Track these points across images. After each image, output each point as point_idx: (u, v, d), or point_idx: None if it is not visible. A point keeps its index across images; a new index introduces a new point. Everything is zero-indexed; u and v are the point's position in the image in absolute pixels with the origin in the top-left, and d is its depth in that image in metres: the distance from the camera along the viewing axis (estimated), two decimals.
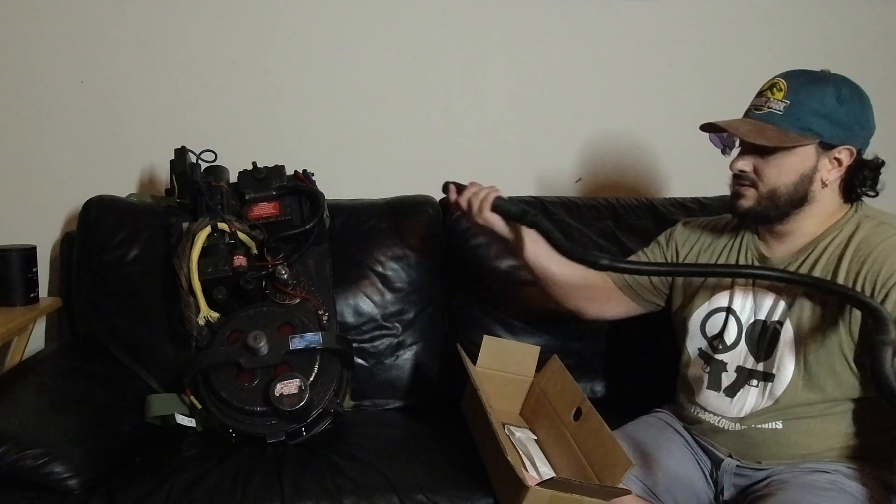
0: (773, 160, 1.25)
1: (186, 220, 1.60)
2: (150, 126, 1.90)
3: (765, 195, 1.27)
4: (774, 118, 1.24)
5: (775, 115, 1.24)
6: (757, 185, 1.27)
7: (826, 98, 1.22)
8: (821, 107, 1.22)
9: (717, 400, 1.35)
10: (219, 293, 1.51)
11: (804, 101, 1.22)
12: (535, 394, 1.59)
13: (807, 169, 1.24)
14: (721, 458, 1.35)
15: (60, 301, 1.80)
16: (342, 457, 1.43)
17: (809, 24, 2.10)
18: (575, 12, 2.01)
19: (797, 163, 1.24)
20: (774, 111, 1.24)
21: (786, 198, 1.26)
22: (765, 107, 1.26)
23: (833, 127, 1.22)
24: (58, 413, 1.40)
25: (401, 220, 1.81)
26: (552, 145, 2.06)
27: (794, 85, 1.24)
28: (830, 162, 1.25)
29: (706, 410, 1.37)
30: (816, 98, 1.22)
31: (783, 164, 1.24)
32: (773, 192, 1.26)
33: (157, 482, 1.32)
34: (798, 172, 1.25)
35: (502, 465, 1.25)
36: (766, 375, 1.30)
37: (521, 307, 1.76)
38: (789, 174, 1.25)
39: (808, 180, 1.25)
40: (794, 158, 1.24)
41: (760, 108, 1.26)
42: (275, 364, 1.47)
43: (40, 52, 1.84)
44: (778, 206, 1.27)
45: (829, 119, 1.22)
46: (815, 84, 1.24)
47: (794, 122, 1.22)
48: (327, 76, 1.95)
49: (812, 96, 1.23)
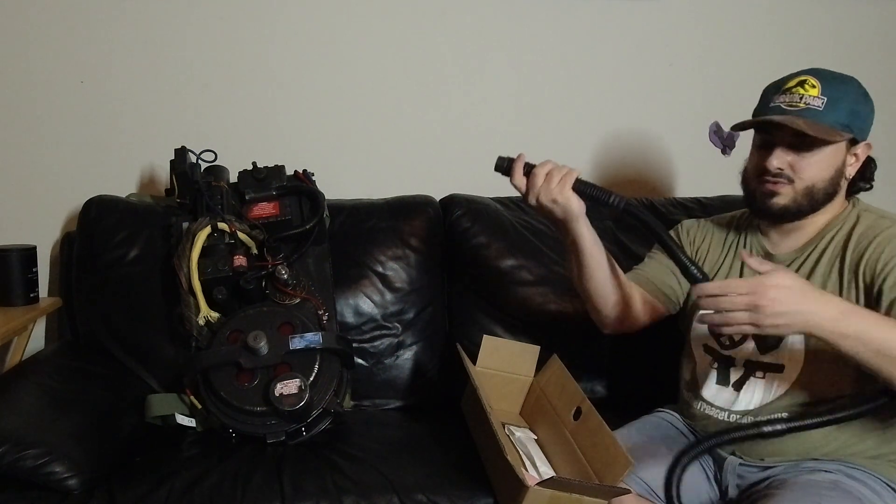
0: (811, 156, 1.26)
1: (186, 220, 1.60)
2: (150, 126, 1.90)
3: (802, 191, 1.28)
4: (814, 114, 1.24)
5: (815, 110, 1.24)
6: (794, 182, 1.28)
7: (855, 95, 1.27)
8: (853, 104, 1.26)
9: (725, 394, 1.35)
10: (219, 293, 1.51)
11: (840, 98, 1.25)
12: (534, 393, 1.59)
13: (839, 164, 1.28)
14: (724, 456, 1.35)
15: (60, 301, 1.80)
16: (342, 457, 1.43)
17: (809, 24, 2.10)
18: (575, 12, 2.01)
19: (832, 158, 1.27)
20: (813, 107, 1.24)
21: (822, 193, 1.28)
22: (801, 103, 1.25)
23: (860, 123, 1.27)
24: (58, 413, 1.40)
25: (401, 220, 1.81)
26: (552, 145, 2.06)
27: (827, 82, 1.26)
28: (852, 157, 1.29)
29: (713, 406, 1.37)
30: (849, 95, 1.26)
31: (821, 160, 1.26)
32: (811, 188, 1.27)
33: (157, 482, 1.32)
34: (833, 167, 1.27)
35: (502, 464, 1.25)
36: (775, 367, 1.30)
37: (521, 307, 1.76)
38: (827, 169, 1.27)
39: (840, 175, 1.28)
40: (829, 153, 1.26)
41: (795, 104, 1.26)
42: (275, 364, 1.46)
43: (40, 52, 1.84)
44: (815, 201, 1.28)
45: (859, 115, 1.26)
46: (842, 81, 1.27)
47: (834, 117, 1.24)
48: (327, 76, 1.95)
49: (845, 93, 1.26)
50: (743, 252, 1.30)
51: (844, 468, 1.24)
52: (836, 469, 1.23)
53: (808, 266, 1.30)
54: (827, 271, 1.28)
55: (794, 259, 1.32)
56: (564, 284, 1.75)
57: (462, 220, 1.83)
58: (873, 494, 1.20)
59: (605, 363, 1.77)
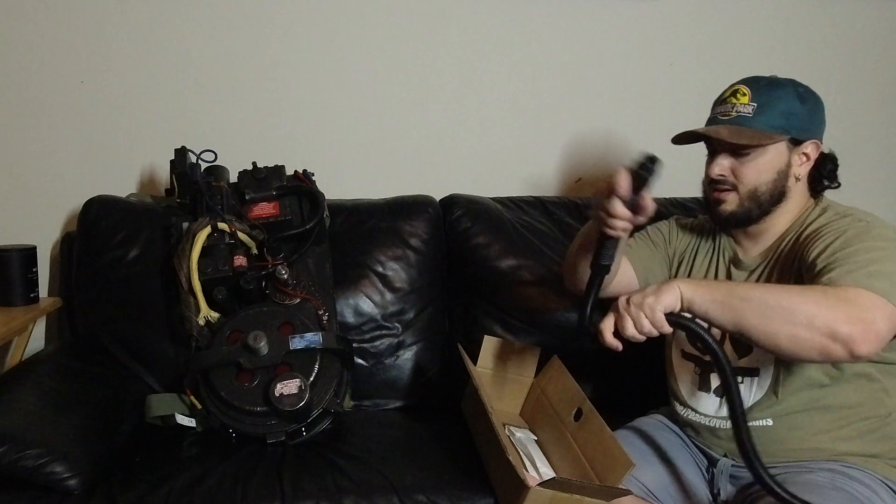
0: (749, 161, 1.30)
1: (186, 220, 1.60)
2: (150, 126, 1.90)
3: (746, 196, 1.32)
4: (745, 120, 1.29)
5: (745, 117, 1.29)
6: (737, 188, 1.32)
7: (788, 97, 1.30)
8: (786, 106, 1.29)
9: (708, 400, 1.36)
10: (219, 293, 1.52)
11: (770, 102, 1.29)
12: (535, 394, 1.59)
13: (781, 165, 1.31)
14: (717, 457, 1.36)
15: (60, 301, 1.80)
16: (342, 457, 1.43)
17: (809, 24, 2.10)
18: (575, 12, 2.01)
19: (772, 160, 1.30)
20: (744, 114, 1.29)
21: (766, 196, 1.31)
22: (732, 112, 1.31)
23: (799, 123, 1.29)
24: (58, 413, 1.40)
25: (401, 220, 1.81)
26: (552, 145, 2.06)
27: (757, 89, 1.31)
28: (799, 157, 1.32)
29: (697, 412, 1.38)
30: (780, 98, 1.29)
31: (759, 164, 1.30)
32: (753, 192, 1.31)
33: (157, 482, 1.32)
34: (775, 169, 1.30)
35: (503, 465, 1.25)
36: (751, 371, 1.31)
37: (521, 307, 1.76)
38: (767, 172, 1.30)
39: (784, 176, 1.31)
40: (768, 156, 1.30)
41: (728, 113, 1.31)
42: (275, 364, 1.47)
43: (40, 52, 1.84)
44: (760, 204, 1.32)
45: (795, 116, 1.29)
46: (776, 86, 1.31)
47: (764, 121, 1.28)
48: (327, 76, 1.95)
49: (776, 97, 1.29)
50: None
51: (840, 467, 1.24)
52: (833, 468, 1.24)
53: (769, 270, 1.33)
54: (786, 272, 1.29)
55: (759, 265, 1.35)
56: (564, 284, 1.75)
57: (462, 220, 1.83)
58: (871, 493, 1.20)
59: (605, 364, 1.76)
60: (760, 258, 1.35)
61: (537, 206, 1.90)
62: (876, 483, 1.22)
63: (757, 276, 1.35)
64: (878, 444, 1.26)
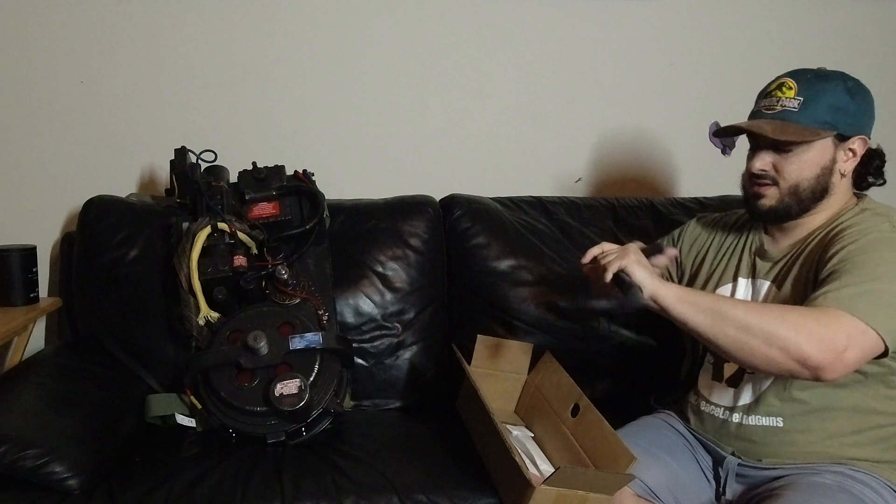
0: (792, 156, 1.27)
1: (186, 220, 1.60)
2: (150, 126, 1.90)
3: (787, 192, 1.29)
4: (791, 115, 1.26)
5: (791, 112, 1.26)
6: (778, 183, 1.30)
7: (837, 92, 1.26)
8: (834, 100, 1.25)
9: (721, 390, 1.36)
10: (219, 293, 1.51)
11: (817, 97, 1.26)
12: (529, 391, 1.59)
13: (826, 161, 1.28)
14: (724, 455, 1.35)
15: (60, 301, 1.80)
16: (342, 457, 1.43)
17: (809, 24, 2.10)
18: (575, 12, 2.01)
19: (816, 156, 1.27)
20: (789, 108, 1.26)
21: (808, 192, 1.29)
22: (777, 105, 1.28)
23: (847, 118, 1.26)
24: (58, 413, 1.40)
25: (401, 220, 1.81)
26: (552, 145, 2.06)
27: (804, 82, 1.27)
28: (845, 153, 1.29)
29: (710, 402, 1.38)
30: (828, 93, 1.26)
31: (803, 160, 1.27)
32: (795, 188, 1.29)
33: (157, 482, 1.32)
34: (818, 166, 1.28)
35: (507, 464, 1.25)
36: None
37: (521, 307, 1.76)
38: (810, 168, 1.28)
39: (828, 172, 1.29)
40: (812, 152, 1.27)
41: (772, 107, 1.28)
42: (275, 364, 1.46)
43: (40, 52, 1.84)
44: (801, 200, 1.30)
45: (843, 111, 1.26)
46: (824, 80, 1.27)
47: (810, 117, 1.25)
48: (327, 76, 1.95)
49: (824, 91, 1.26)
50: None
51: (846, 470, 1.24)
52: (840, 471, 1.23)
53: (792, 262, 1.32)
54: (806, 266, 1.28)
55: (784, 256, 1.34)
56: (564, 284, 1.75)
57: (462, 220, 1.83)
58: (876, 496, 1.20)
59: (605, 363, 1.77)
60: (787, 250, 1.34)
61: (537, 206, 1.90)
62: (883, 487, 1.22)
63: (780, 267, 1.34)
64: (888, 453, 1.26)
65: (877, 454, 1.26)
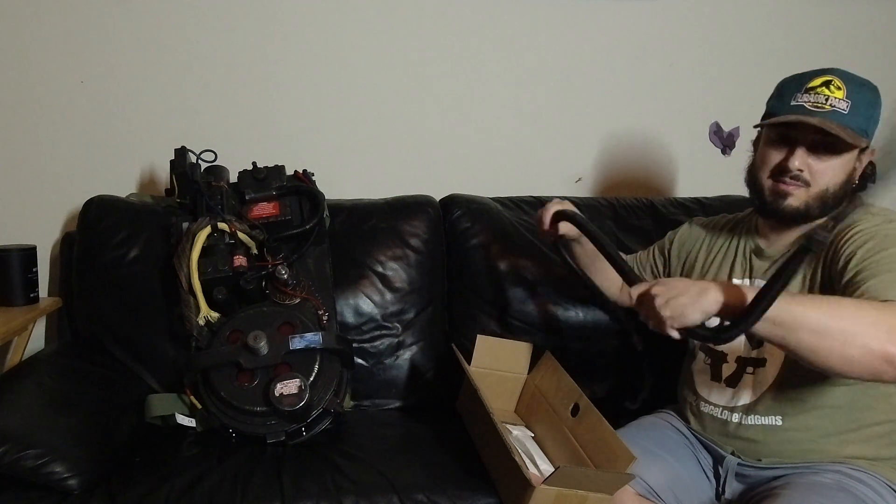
0: (829, 160, 1.23)
1: (186, 220, 1.60)
2: (150, 126, 1.90)
3: (815, 195, 1.25)
4: (841, 117, 1.21)
5: (841, 113, 1.21)
6: (809, 185, 1.25)
7: (872, 100, 1.24)
8: (871, 109, 1.23)
9: (719, 391, 1.36)
10: (219, 293, 1.51)
11: (861, 103, 1.22)
12: (529, 391, 1.59)
13: (850, 168, 1.26)
14: (723, 455, 1.36)
15: (60, 301, 1.80)
16: (342, 457, 1.43)
17: (809, 24, 2.10)
18: (575, 13, 2.01)
19: (846, 163, 1.25)
20: (839, 110, 1.21)
21: (834, 198, 1.26)
22: (826, 104, 1.22)
23: (874, 128, 1.25)
24: (58, 413, 1.40)
25: (401, 220, 1.81)
26: (552, 145, 2.06)
27: (852, 85, 1.23)
28: (861, 162, 1.27)
29: (709, 403, 1.38)
30: (868, 99, 1.23)
31: (835, 165, 1.24)
32: (823, 193, 1.25)
33: (157, 482, 1.32)
34: (846, 172, 1.25)
35: (507, 464, 1.25)
36: (760, 361, 1.31)
37: (521, 307, 1.76)
38: (840, 174, 1.25)
39: (850, 180, 1.26)
40: (844, 158, 1.24)
41: (820, 105, 1.22)
42: (275, 364, 1.46)
43: (40, 52, 1.84)
44: (825, 205, 1.26)
45: (873, 120, 1.24)
46: (863, 85, 1.24)
47: (855, 122, 1.21)
48: (327, 76, 1.95)
49: (864, 98, 1.23)
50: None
51: (845, 469, 1.24)
52: (839, 470, 1.24)
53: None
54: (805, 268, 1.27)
55: (783, 255, 1.33)
56: (564, 284, 1.75)
57: (462, 220, 1.83)
58: (875, 495, 1.20)
59: (605, 363, 1.77)
60: (785, 248, 1.33)
61: (537, 206, 1.90)
62: (882, 487, 1.22)
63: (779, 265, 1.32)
64: (886, 450, 1.26)
65: (875, 451, 1.26)
